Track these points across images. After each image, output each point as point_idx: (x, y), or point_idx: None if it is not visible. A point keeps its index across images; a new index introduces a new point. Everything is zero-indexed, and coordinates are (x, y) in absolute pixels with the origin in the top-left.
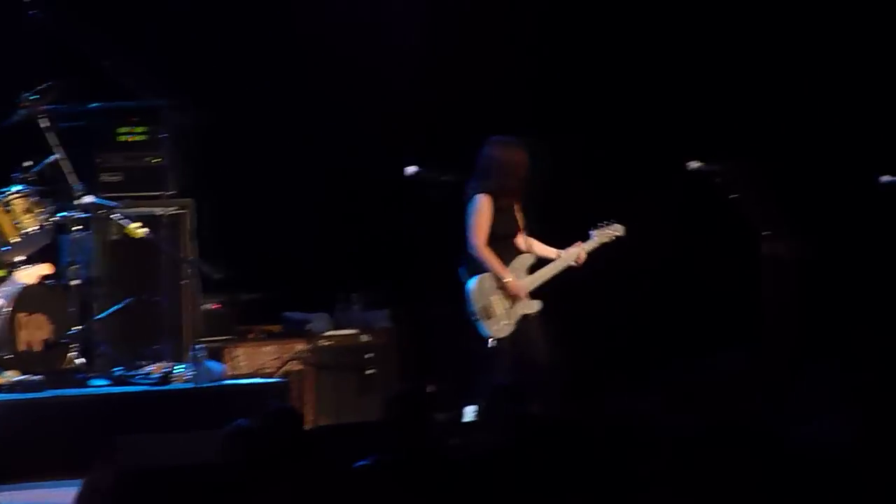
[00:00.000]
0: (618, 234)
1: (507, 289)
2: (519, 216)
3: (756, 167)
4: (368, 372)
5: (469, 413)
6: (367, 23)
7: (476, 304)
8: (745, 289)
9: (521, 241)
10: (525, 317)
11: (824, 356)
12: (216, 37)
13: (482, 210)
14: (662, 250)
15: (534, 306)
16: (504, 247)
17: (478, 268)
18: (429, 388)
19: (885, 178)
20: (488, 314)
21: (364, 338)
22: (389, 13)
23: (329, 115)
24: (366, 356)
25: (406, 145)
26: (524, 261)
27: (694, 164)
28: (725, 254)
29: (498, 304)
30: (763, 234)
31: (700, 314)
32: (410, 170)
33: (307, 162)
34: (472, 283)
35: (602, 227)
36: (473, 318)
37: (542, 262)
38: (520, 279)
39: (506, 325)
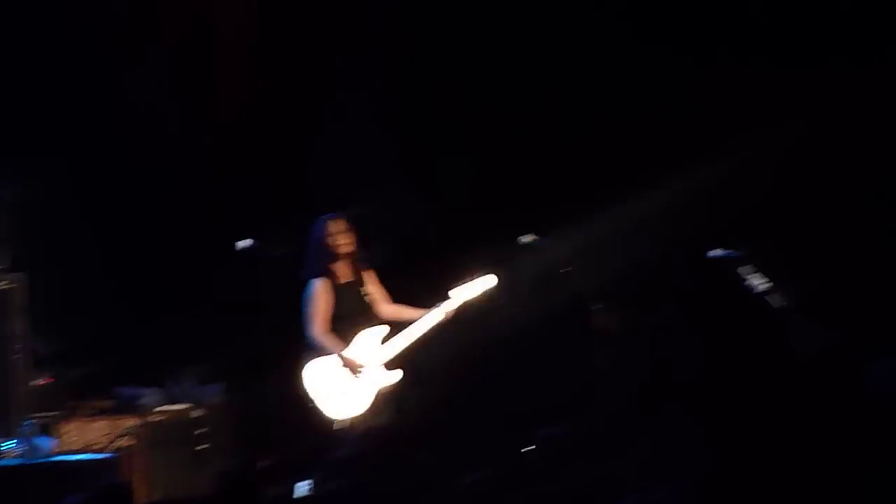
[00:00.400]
0: (487, 286)
1: (349, 367)
2: (366, 290)
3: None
4: (200, 447)
5: (301, 488)
6: (197, 96)
7: (314, 389)
8: (575, 362)
9: (381, 310)
10: (384, 389)
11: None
12: (46, 106)
13: (314, 296)
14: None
15: (393, 377)
16: (347, 326)
17: (316, 353)
18: (260, 464)
19: (715, 252)
20: (328, 397)
21: (196, 412)
22: (219, 86)
23: (160, 188)
24: (197, 431)
25: (239, 219)
26: (370, 335)
27: (526, 239)
28: (557, 328)
29: (342, 384)
30: (593, 307)
31: (532, 387)
32: (243, 243)
33: (138, 236)
34: (305, 371)
35: (465, 283)
36: (310, 403)
37: (399, 328)
38: (370, 353)
39: (357, 403)
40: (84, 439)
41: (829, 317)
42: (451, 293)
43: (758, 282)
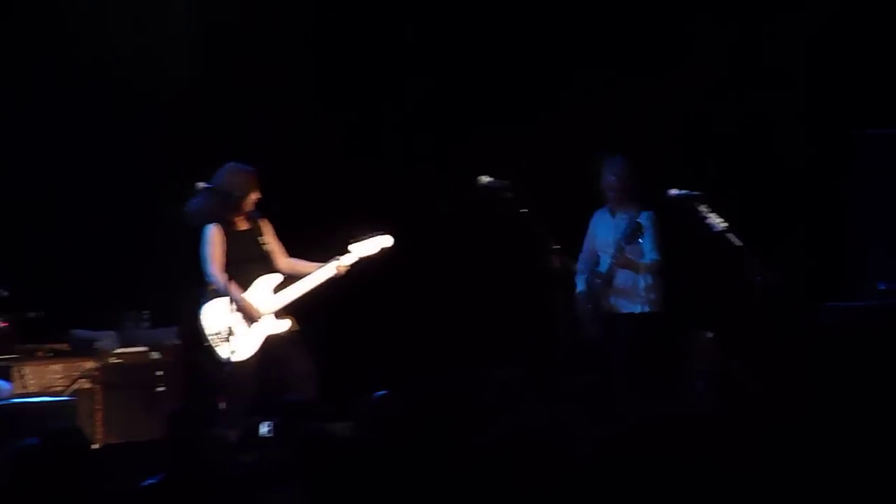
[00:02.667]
0: (383, 245)
1: (243, 311)
2: (264, 240)
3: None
4: (158, 389)
5: (264, 428)
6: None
7: (209, 329)
8: (526, 303)
9: (279, 262)
10: (272, 338)
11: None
12: None
13: (211, 238)
14: (446, 263)
15: (281, 325)
16: (244, 270)
17: (215, 294)
18: (220, 405)
19: (673, 192)
20: (223, 338)
21: (154, 355)
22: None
23: (113, 127)
24: (155, 374)
25: (191, 157)
26: (266, 282)
27: (484, 179)
28: (510, 268)
29: (235, 327)
30: (553, 247)
31: (481, 328)
32: (200, 185)
33: (94, 178)
34: (202, 310)
35: (363, 239)
36: (206, 343)
37: (293, 280)
38: (262, 300)
39: (245, 346)
40: (41, 382)
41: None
42: (350, 248)
43: (716, 220)
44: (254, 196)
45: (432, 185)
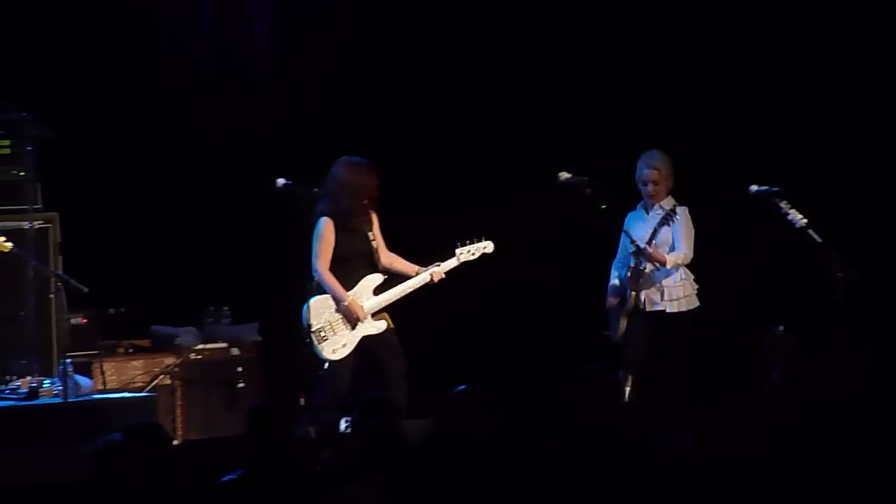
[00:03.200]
0: (486, 250)
1: (346, 311)
2: (373, 235)
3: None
4: (238, 386)
5: (343, 425)
6: (229, 37)
7: (311, 326)
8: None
9: (380, 258)
10: (368, 338)
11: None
12: (77, 49)
13: (323, 233)
14: (530, 261)
15: (378, 327)
16: (350, 268)
17: (320, 290)
18: (301, 401)
19: (754, 188)
20: (325, 336)
21: (234, 352)
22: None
23: (197, 127)
24: (236, 370)
25: (275, 157)
26: (370, 282)
27: (564, 176)
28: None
29: (336, 326)
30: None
31: (567, 327)
32: (279, 182)
33: (175, 175)
34: (308, 306)
35: (468, 244)
36: (307, 339)
37: (395, 281)
38: (363, 301)
39: (343, 347)
40: (121, 378)
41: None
42: (456, 251)
43: (797, 216)
44: (372, 190)
45: (513, 181)
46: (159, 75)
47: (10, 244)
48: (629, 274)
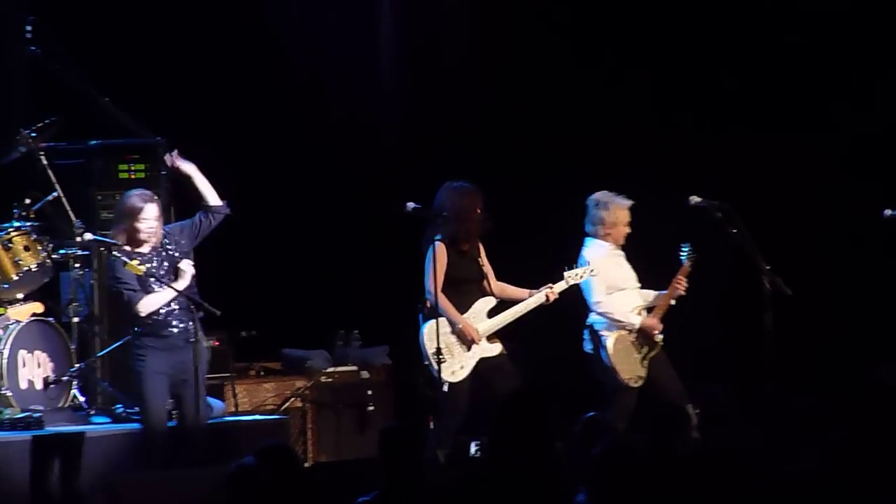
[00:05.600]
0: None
1: (461, 333)
2: (482, 260)
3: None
4: (369, 408)
5: (474, 448)
6: (357, 65)
7: (428, 348)
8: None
9: (488, 284)
10: (483, 360)
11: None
12: (208, 75)
13: (437, 257)
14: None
15: (493, 350)
16: (462, 292)
17: (434, 313)
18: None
19: (889, 212)
20: (443, 358)
21: (364, 375)
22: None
23: (327, 151)
24: (366, 393)
25: (404, 183)
26: (483, 305)
27: (695, 199)
28: (726, 288)
29: (453, 348)
30: (764, 267)
31: (700, 347)
32: (409, 206)
33: (306, 199)
34: (425, 329)
35: (576, 267)
36: (425, 362)
37: (506, 304)
38: (477, 323)
39: (461, 370)
40: (253, 401)
41: None
42: (565, 274)
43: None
44: (478, 215)
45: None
46: (288, 101)
47: (143, 267)
48: None
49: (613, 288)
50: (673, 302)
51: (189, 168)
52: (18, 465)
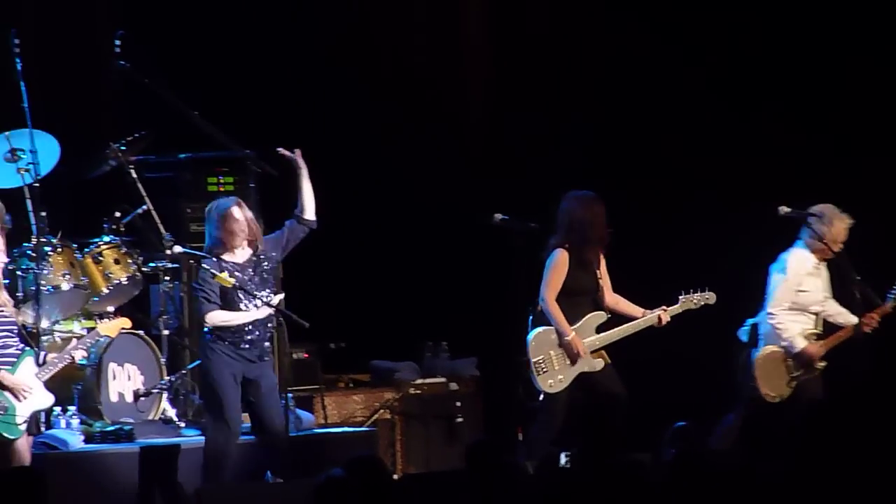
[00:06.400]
0: (708, 301)
1: (567, 346)
2: (601, 273)
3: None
4: (457, 420)
5: (564, 458)
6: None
7: (532, 356)
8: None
9: (605, 297)
10: (584, 374)
11: None
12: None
13: (557, 265)
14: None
15: (595, 365)
16: (576, 303)
17: (544, 320)
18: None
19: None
20: (544, 368)
21: (452, 386)
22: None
23: (415, 162)
24: (454, 404)
25: (491, 193)
26: (594, 319)
27: (784, 210)
28: None
29: (556, 359)
30: (855, 279)
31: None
32: (497, 217)
33: (392, 211)
34: (532, 336)
35: (692, 293)
36: (527, 369)
37: (618, 320)
38: (585, 337)
39: (560, 381)
40: (342, 413)
41: None
42: (680, 298)
43: None
44: (604, 224)
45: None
46: (375, 110)
47: (232, 279)
48: None
49: (798, 306)
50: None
51: (303, 170)
52: (121, 476)
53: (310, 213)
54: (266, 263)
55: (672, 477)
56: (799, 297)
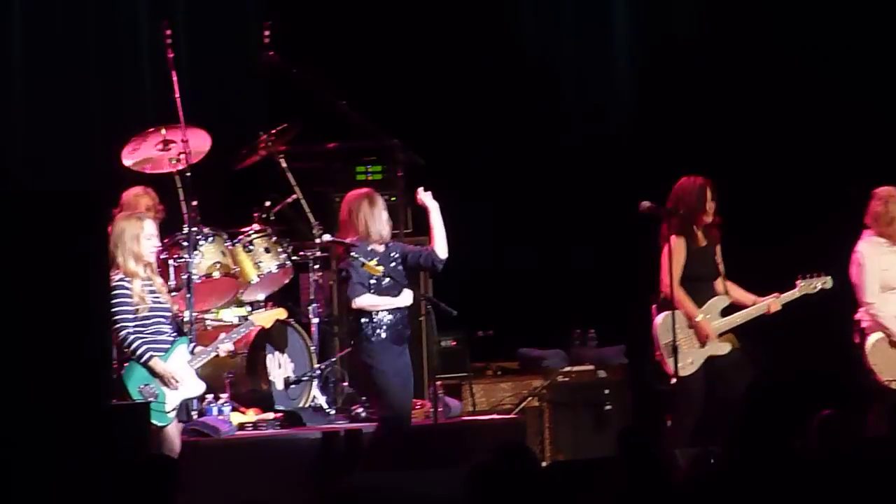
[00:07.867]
0: (825, 286)
1: (697, 329)
2: (718, 258)
3: None
4: (606, 408)
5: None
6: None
7: (661, 340)
8: None
9: (719, 283)
10: (712, 357)
11: None
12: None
13: (675, 250)
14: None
15: (723, 348)
16: (696, 288)
17: (669, 306)
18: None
19: None
20: (674, 352)
21: (600, 374)
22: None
23: (563, 150)
24: (603, 392)
25: (637, 180)
26: (718, 303)
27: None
28: None
29: (685, 343)
30: None
31: None
32: (645, 204)
33: (540, 199)
34: (660, 320)
35: (808, 277)
36: (657, 353)
37: (737, 306)
38: (711, 321)
39: (690, 364)
40: (490, 400)
41: None
42: (796, 283)
43: None
44: (711, 208)
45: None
46: (520, 100)
47: (381, 267)
48: None
49: (887, 287)
50: None
51: (433, 209)
52: (276, 463)
53: (442, 252)
54: (392, 263)
55: (828, 467)
56: (885, 276)
